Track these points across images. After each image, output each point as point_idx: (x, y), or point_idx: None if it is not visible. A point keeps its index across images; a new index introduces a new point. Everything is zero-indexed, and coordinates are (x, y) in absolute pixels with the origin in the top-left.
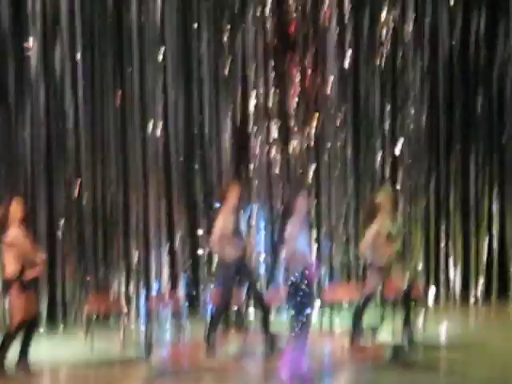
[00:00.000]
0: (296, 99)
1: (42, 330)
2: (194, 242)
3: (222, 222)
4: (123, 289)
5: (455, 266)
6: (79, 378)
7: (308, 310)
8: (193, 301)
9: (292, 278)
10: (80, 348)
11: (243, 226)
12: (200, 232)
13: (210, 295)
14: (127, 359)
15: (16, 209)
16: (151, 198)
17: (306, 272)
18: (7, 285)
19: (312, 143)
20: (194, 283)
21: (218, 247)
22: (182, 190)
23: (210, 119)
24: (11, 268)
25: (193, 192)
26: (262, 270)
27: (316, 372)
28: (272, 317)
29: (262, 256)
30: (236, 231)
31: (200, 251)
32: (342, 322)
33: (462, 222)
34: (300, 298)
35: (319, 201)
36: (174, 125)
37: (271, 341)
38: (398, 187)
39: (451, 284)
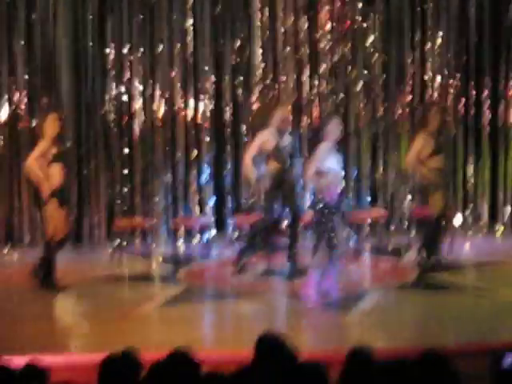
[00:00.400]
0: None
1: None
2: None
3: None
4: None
5: (482, 195)
6: (107, 294)
7: (333, 234)
8: (221, 222)
9: (318, 202)
10: (108, 265)
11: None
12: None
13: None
14: (154, 276)
15: (52, 124)
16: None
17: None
18: (46, 199)
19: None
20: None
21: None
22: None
23: None
24: (52, 182)
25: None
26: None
27: (342, 293)
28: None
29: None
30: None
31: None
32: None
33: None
34: (325, 222)
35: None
36: None
37: (295, 262)
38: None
39: (478, 212)
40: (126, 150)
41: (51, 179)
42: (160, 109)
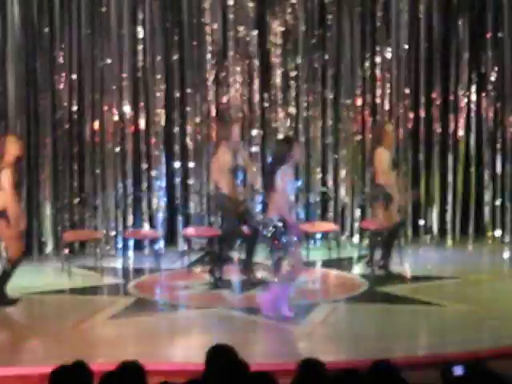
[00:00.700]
0: None
1: None
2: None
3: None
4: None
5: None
6: (58, 305)
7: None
8: (170, 235)
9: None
10: (58, 277)
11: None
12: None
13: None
14: (105, 287)
15: (11, 147)
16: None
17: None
18: None
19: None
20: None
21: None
22: None
23: None
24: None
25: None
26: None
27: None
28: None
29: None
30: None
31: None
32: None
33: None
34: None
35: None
36: None
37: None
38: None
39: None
40: (75, 163)
41: None
42: (111, 119)
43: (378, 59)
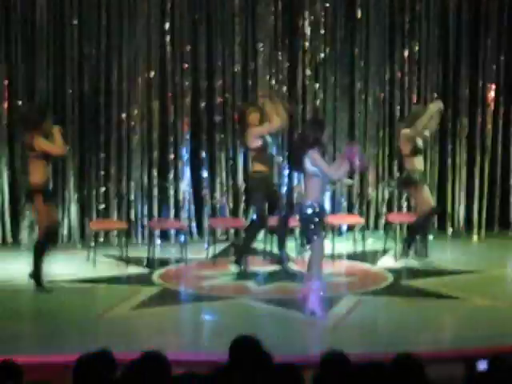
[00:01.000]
0: None
1: None
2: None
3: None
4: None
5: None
6: (83, 294)
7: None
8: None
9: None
10: (83, 266)
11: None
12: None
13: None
14: (130, 276)
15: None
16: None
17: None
18: (32, 193)
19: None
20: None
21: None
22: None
23: None
24: (37, 178)
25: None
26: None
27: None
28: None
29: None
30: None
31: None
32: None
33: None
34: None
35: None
36: None
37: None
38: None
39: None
40: (102, 153)
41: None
42: (136, 110)
43: (405, 53)
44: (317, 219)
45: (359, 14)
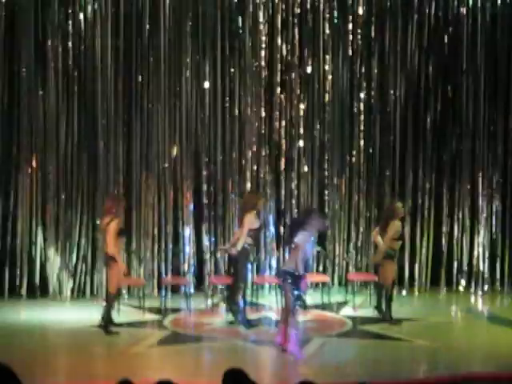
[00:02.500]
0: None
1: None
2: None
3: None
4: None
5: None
6: (109, 335)
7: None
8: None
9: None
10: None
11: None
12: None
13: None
14: (146, 322)
15: (117, 204)
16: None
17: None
18: (108, 259)
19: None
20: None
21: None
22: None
23: None
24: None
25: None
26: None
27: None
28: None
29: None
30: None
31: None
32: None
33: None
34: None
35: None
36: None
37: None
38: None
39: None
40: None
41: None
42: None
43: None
44: (290, 280)
45: None
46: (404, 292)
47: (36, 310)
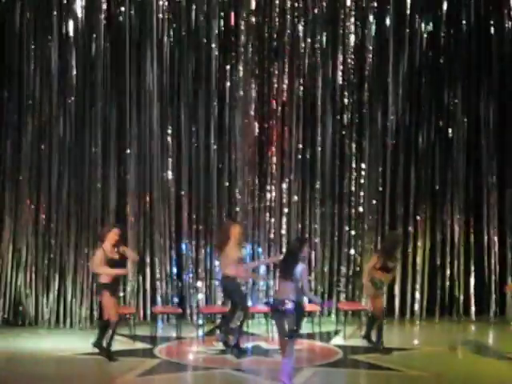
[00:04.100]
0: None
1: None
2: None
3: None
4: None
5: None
6: (99, 364)
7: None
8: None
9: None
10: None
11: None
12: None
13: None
14: (136, 350)
15: (113, 235)
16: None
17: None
18: (100, 288)
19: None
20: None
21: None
22: None
23: None
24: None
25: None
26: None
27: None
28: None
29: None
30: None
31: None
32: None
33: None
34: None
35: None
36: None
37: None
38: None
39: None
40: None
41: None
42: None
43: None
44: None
45: None
46: (395, 321)
47: (19, 339)
